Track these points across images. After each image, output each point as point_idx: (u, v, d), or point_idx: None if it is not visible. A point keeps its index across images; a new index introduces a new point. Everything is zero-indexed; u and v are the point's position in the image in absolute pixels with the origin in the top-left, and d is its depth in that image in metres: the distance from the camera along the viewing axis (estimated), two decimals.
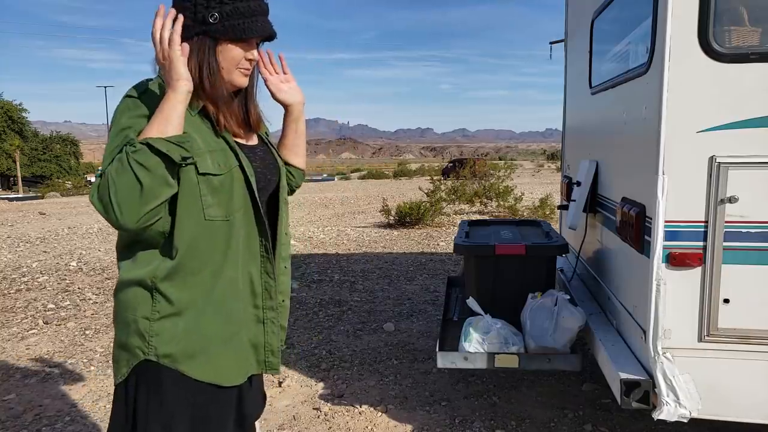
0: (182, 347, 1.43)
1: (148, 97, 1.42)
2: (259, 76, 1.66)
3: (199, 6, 1.44)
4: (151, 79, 1.49)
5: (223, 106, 1.49)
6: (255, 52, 1.52)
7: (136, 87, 1.45)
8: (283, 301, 1.65)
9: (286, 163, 1.76)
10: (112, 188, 1.27)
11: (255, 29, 1.47)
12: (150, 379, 1.43)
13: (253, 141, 1.63)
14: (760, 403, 2.15)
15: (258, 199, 1.52)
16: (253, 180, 1.50)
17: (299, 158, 1.79)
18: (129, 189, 1.28)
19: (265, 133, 1.73)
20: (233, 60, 1.49)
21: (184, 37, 1.43)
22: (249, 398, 1.59)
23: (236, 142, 1.53)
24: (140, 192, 1.28)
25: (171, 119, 1.35)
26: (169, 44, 1.38)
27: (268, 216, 1.58)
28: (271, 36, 1.56)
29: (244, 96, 1.60)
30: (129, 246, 1.45)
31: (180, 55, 1.39)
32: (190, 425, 1.46)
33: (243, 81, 1.53)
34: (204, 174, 1.42)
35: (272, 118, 1.74)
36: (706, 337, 2.16)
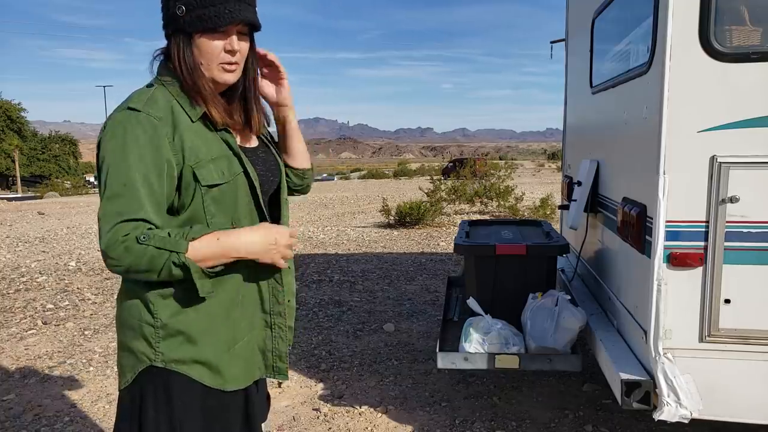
0: (190, 352, 1.40)
1: (158, 111, 1.35)
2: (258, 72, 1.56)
3: (170, 1, 1.37)
4: (152, 85, 1.42)
5: (211, 103, 1.41)
6: (235, 43, 1.39)
7: (141, 99, 1.37)
8: (288, 301, 1.64)
9: (286, 166, 1.70)
10: (136, 266, 1.29)
11: (223, 16, 1.34)
12: (157, 384, 1.39)
13: (253, 143, 1.58)
14: (761, 404, 2.15)
15: (263, 204, 1.50)
16: (257, 185, 1.47)
17: (295, 159, 1.70)
18: (142, 273, 1.31)
19: (266, 132, 1.67)
20: (211, 55, 1.38)
21: (165, 36, 1.41)
22: (255, 401, 1.58)
23: (239, 146, 1.49)
24: (145, 277, 1.33)
25: (222, 259, 1.38)
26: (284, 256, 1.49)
27: (270, 218, 1.55)
28: (251, 23, 1.41)
29: (243, 97, 1.50)
30: None
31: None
32: (200, 431, 1.44)
33: (226, 77, 1.42)
34: (208, 186, 1.38)
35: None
36: (707, 338, 2.16)
